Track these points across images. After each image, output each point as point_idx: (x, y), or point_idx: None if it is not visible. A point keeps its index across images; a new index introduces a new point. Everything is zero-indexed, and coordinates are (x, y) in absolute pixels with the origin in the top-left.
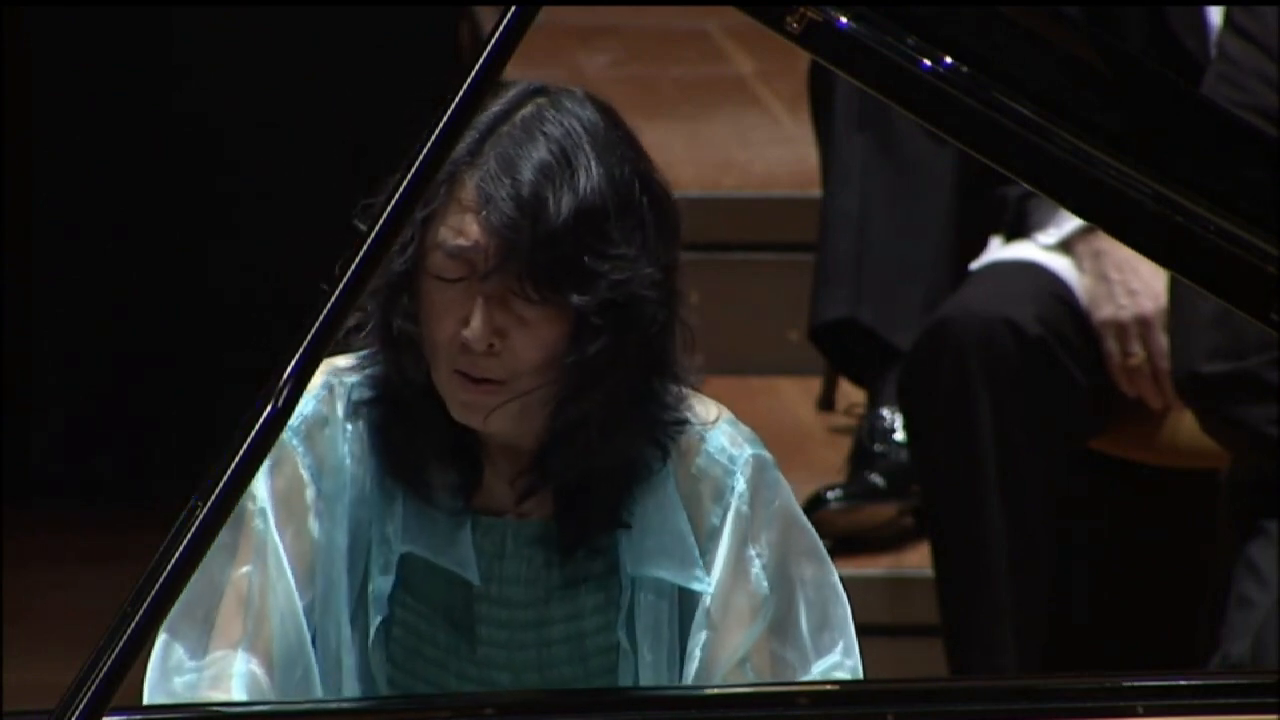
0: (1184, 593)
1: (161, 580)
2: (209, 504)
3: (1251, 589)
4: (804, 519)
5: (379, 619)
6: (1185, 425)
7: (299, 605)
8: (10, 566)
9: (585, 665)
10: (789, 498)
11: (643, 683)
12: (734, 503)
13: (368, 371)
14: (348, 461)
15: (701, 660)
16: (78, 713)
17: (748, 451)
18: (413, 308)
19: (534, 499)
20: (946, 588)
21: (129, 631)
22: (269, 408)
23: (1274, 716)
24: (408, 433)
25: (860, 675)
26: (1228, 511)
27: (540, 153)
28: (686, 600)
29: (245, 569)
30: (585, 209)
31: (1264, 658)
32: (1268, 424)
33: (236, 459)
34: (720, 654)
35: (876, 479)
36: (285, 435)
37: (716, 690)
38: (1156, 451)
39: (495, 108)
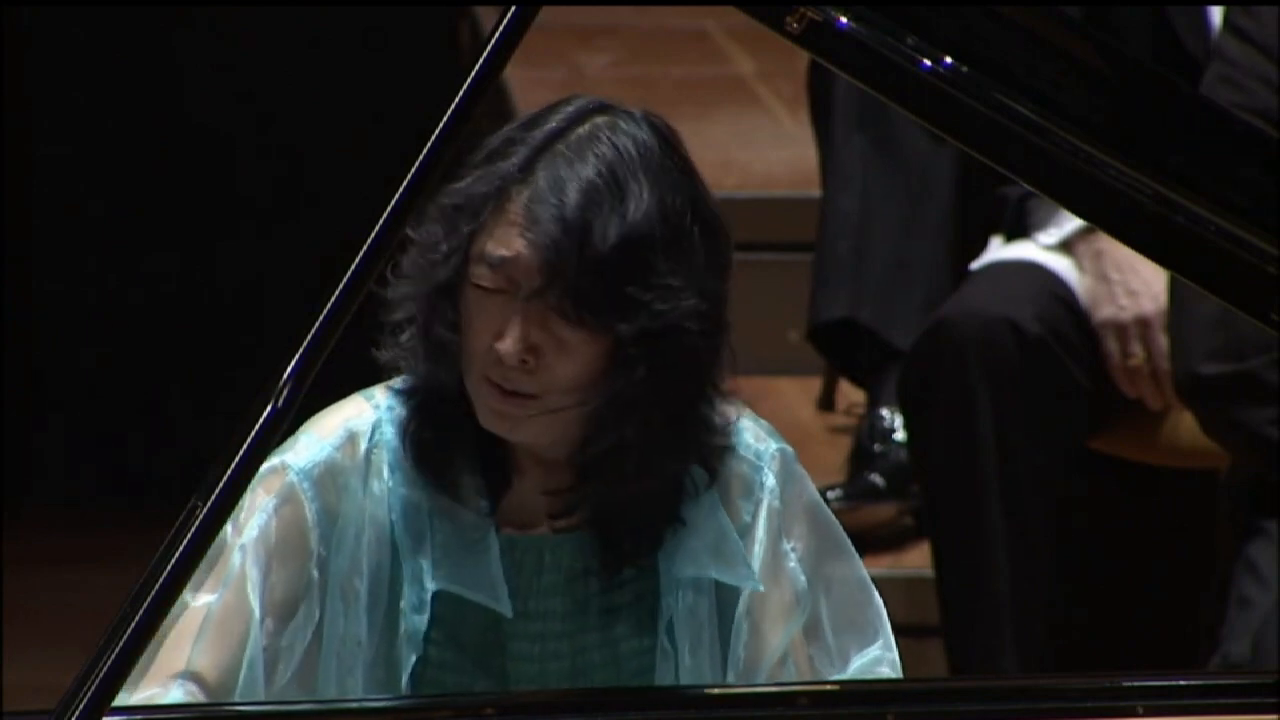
0: (1184, 593)
1: (161, 580)
2: (209, 504)
3: (1251, 589)
4: (829, 513)
5: (414, 657)
6: (1185, 425)
7: (260, 639)
8: (10, 566)
9: (619, 669)
10: (814, 491)
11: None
12: (765, 498)
13: (405, 377)
14: (368, 504)
15: (746, 660)
16: (78, 713)
17: (773, 446)
18: (453, 315)
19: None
20: (946, 588)
21: (129, 631)
22: (269, 408)
23: (1274, 716)
24: (439, 434)
25: (899, 667)
26: (1228, 511)
27: (590, 175)
28: (722, 597)
29: (207, 599)
30: (632, 237)
31: (1264, 658)
32: (1267, 425)
33: (236, 459)
34: (763, 653)
35: (876, 479)
36: (295, 478)
37: (717, 690)
38: (1156, 451)
39: (552, 124)
